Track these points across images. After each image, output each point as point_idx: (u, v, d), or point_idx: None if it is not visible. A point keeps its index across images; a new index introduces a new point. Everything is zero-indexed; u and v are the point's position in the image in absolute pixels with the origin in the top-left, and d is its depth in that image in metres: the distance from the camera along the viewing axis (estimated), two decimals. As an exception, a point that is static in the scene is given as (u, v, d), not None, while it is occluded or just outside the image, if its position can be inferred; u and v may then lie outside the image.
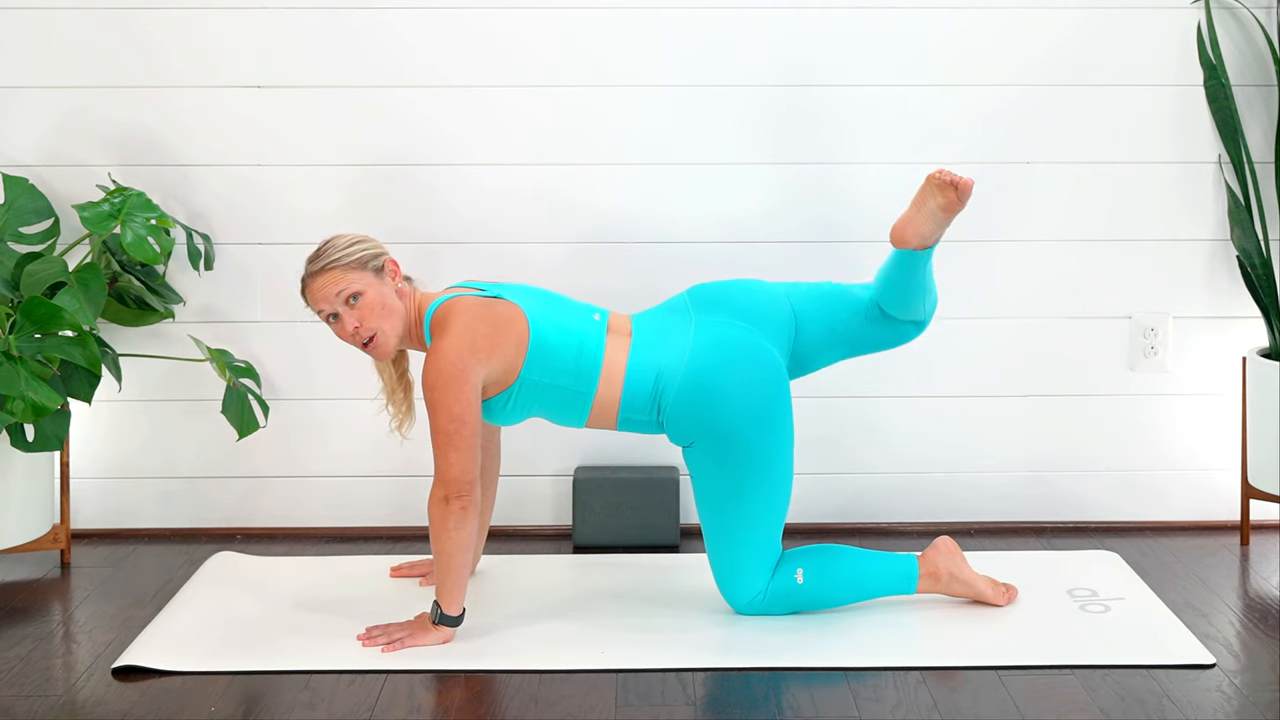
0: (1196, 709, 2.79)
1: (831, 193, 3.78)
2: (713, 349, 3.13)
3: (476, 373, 3.04)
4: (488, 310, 3.10)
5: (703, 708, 2.81)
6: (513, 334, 3.08)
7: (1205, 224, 3.82)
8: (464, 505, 3.01)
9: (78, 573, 3.58)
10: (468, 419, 3.02)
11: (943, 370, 3.84)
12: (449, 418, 3.01)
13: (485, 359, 3.05)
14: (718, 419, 3.10)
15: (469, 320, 3.07)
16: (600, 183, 3.77)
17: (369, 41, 3.73)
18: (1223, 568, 3.58)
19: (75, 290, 3.36)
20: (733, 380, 3.11)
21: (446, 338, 3.05)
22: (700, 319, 3.19)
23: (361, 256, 3.11)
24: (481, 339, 3.05)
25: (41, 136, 3.73)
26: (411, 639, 3.06)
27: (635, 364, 3.14)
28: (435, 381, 3.02)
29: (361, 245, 3.14)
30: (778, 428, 3.14)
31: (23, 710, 2.82)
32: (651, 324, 3.22)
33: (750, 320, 3.19)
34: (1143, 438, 3.87)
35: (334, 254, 3.11)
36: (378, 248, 3.16)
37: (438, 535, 3.04)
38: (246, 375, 3.63)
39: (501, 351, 3.07)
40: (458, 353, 3.03)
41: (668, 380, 3.12)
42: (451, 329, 3.06)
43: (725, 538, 3.16)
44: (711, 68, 3.74)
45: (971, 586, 3.24)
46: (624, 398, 3.13)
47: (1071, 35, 3.76)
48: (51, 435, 3.37)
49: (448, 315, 3.09)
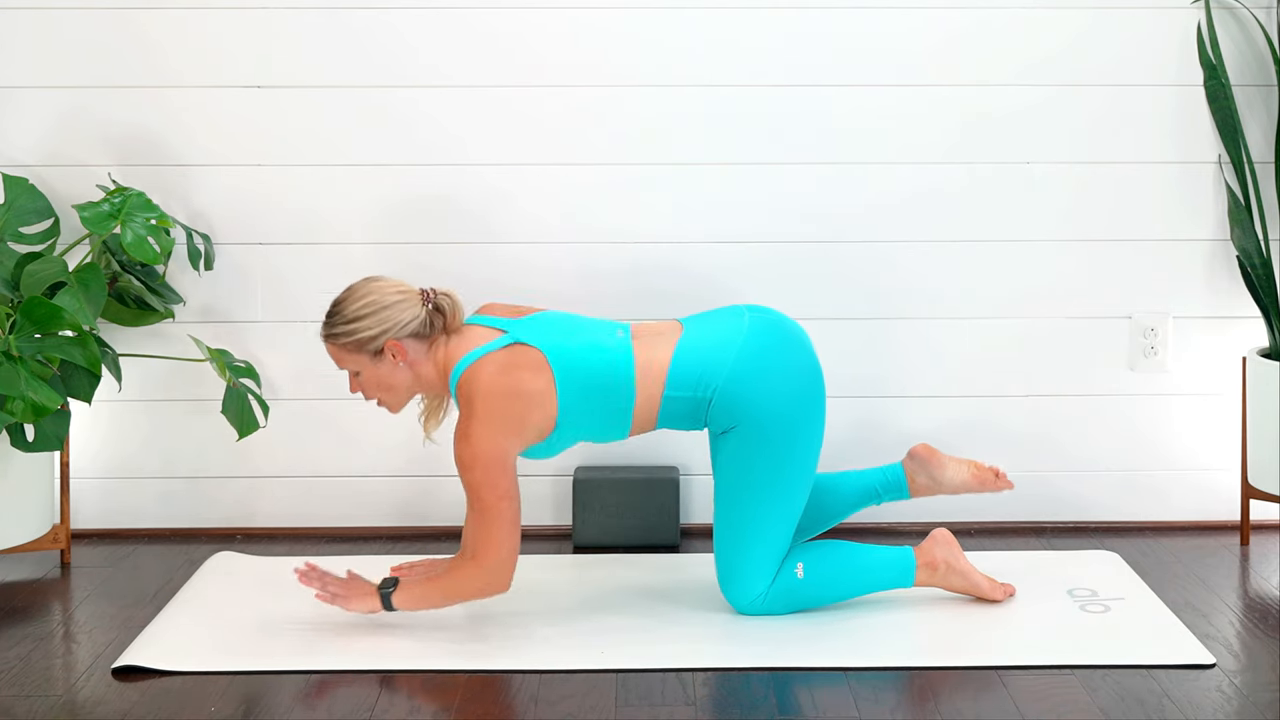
0: (1196, 709, 2.79)
1: (832, 193, 3.78)
2: (769, 329, 3.17)
3: (512, 450, 3.04)
4: (512, 384, 3.04)
5: (703, 708, 2.81)
6: (538, 398, 3.05)
7: (1205, 224, 3.82)
8: (497, 591, 3.06)
9: (78, 573, 3.58)
10: (514, 494, 3.04)
11: (943, 370, 3.84)
12: (497, 495, 3.02)
13: (518, 435, 3.05)
14: (766, 400, 3.10)
15: (495, 402, 3.02)
16: (599, 183, 3.77)
17: (370, 41, 3.73)
18: (1223, 568, 3.58)
19: (75, 290, 3.36)
20: (785, 364, 3.15)
21: (474, 422, 3.01)
22: (755, 308, 3.24)
23: (359, 339, 3.07)
24: (511, 419, 3.03)
25: (41, 136, 3.73)
26: (344, 600, 3.09)
27: (685, 344, 3.13)
28: (471, 464, 3.01)
29: (364, 325, 3.06)
30: (814, 422, 3.18)
31: (23, 710, 2.82)
32: (704, 317, 3.24)
33: (799, 331, 3.26)
34: (1143, 438, 3.87)
35: (335, 327, 3.08)
36: (382, 323, 3.06)
37: (454, 589, 3.07)
38: (246, 375, 3.63)
39: (532, 421, 3.06)
40: (489, 437, 3.01)
41: (722, 356, 3.11)
42: (477, 412, 3.02)
43: (739, 531, 3.16)
44: (713, 68, 3.74)
45: (968, 579, 3.25)
46: (670, 378, 3.11)
47: (1071, 35, 3.76)
48: (51, 435, 3.37)
49: (472, 391, 3.04)
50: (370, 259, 3.75)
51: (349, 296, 3.11)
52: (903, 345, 3.83)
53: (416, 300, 3.10)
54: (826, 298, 3.80)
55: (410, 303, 3.09)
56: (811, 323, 3.68)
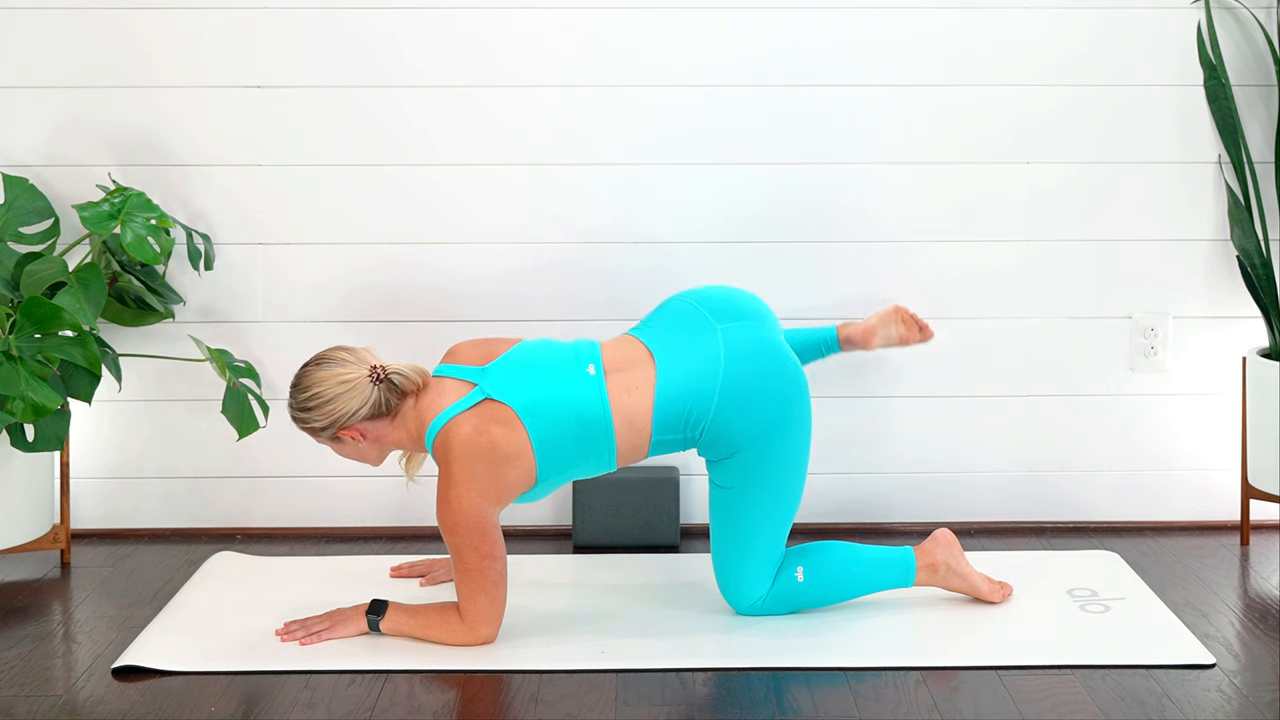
0: (1196, 709, 2.79)
1: (830, 192, 3.78)
2: (748, 356, 3.11)
3: (493, 511, 3.04)
4: (486, 445, 3.01)
5: (703, 708, 2.81)
6: (514, 458, 3.03)
7: (1205, 224, 3.82)
8: (481, 644, 3.06)
9: (78, 573, 3.58)
10: (498, 554, 3.04)
11: (943, 370, 3.84)
12: (479, 556, 3.02)
13: (496, 497, 3.03)
14: (760, 426, 3.08)
15: (469, 464, 3.00)
16: (595, 183, 3.77)
17: (370, 42, 3.73)
18: (1223, 568, 3.58)
19: (75, 290, 3.36)
20: (769, 384, 3.11)
21: (453, 486, 3.00)
22: (724, 327, 3.15)
23: (313, 429, 3.07)
24: (490, 482, 3.02)
25: (41, 136, 3.73)
26: (330, 631, 3.08)
27: (665, 386, 3.08)
28: (453, 528, 3.01)
29: (313, 416, 3.05)
30: (805, 431, 3.15)
31: (23, 710, 2.82)
32: (671, 340, 3.16)
33: (765, 323, 3.20)
34: (1143, 438, 3.87)
35: (291, 411, 3.09)
36: (329, 416, 3.04)
37: (441, 634, 3.06)
38: (246, 375, 3.62)
39: (509, 481, 3.04)
40: (471, 502, 3.00)
41: (706, 393, 3.08)
42: (455, 475, 3.01)
43: (735, 542, 3.16)
44: (713, 68, 3.74)
45: (968, 581, 3.25)
46: (655, 425, 3.09)
47: (1071, 35, 3.75)
48: (51, 435, 3.37)
49: (449, 454, 3.02)
50: (370, 258, 3.75)
51: (298, 383, 3.09)
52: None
53: (364, 385, 3.04)
54: (826, 298, 3.79)
55: (356, 391, 3.04)
56: (811, 323, 3.69)
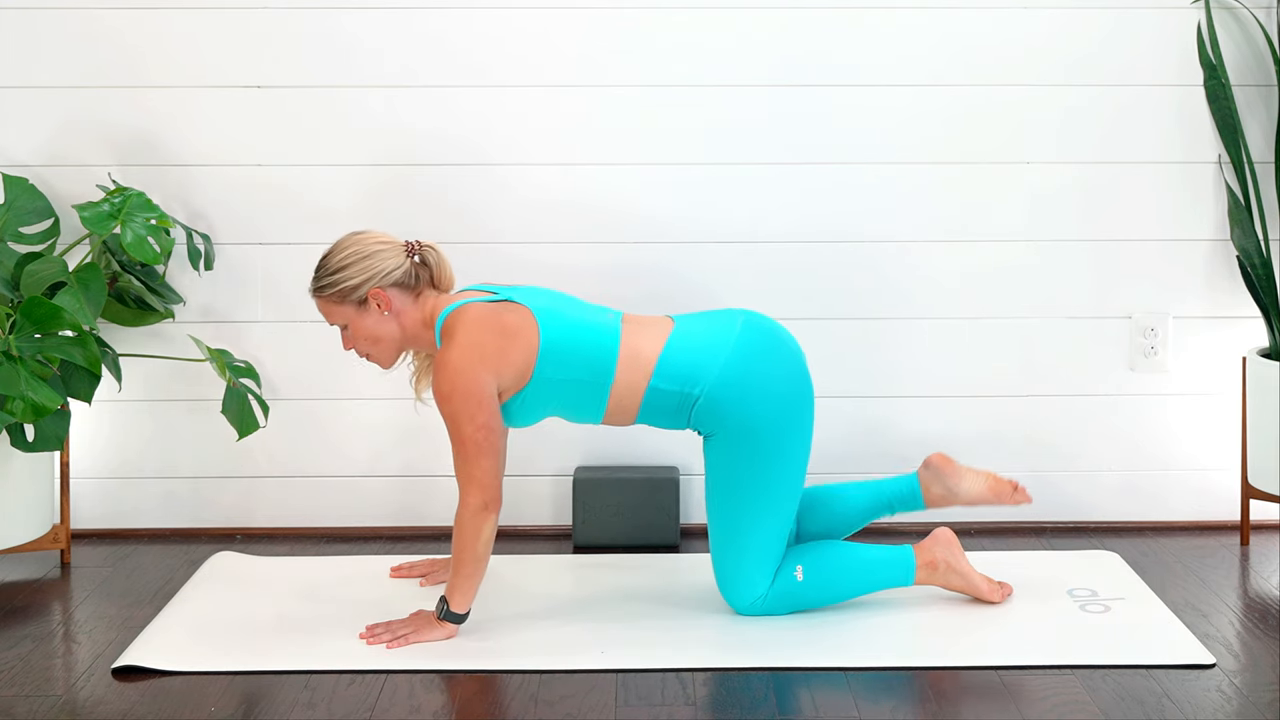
0: (1196, 709, 2.79)
1: (830, 192, 3.78)
2: (761, 334, 3.17)
3: (489, 383, 3.05)
4: (494, 319, 3.08)
5: (703, 708, 2.81)
6: (520, 341, 3.08)
7: (1205, 224, 3.82)
8: (497, 511, 3.06)
9: (78, 573, 3.58)
10: (494, 425, 3.05)
11: (943, 370, 3.84)
12: (475, 427, 3.03)
13: (495, 369, 3.05)
14: (754, 404, 3.10)
15: (475, 332, 3.06)
16: (602, 183, 3.77)
17: (371, 42, 3.73)
18: (1223, 568, 3.58)
19: (75, 290, 3.36)
20: (775, 369, 3.14)
21: (453, 350, 3.04)
22: (749, 313, 3.23)
23: (343, 289, 3.09)
24: (490, 350, 3.05)
25: (41, 136, 3.73)
26: (416, 635, 3.07)
27: (676, 339, 3.13)
28: (449, 395, 3.02)
29: (347, 274, 3.09)
30: (802, 428, 3.17)
31: (23, 710, 2.82)
32: (694, 316, 3.24)
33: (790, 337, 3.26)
34: (1143, 438, 3.87)
35: (321, 280, 3.12)
36: (365, 272, 3.09)
37: (469, 543, 3.05)
38: (246, 375, 3.63)
39: (510, 359, 3.07)
40: (468, 365, 3.03)
41: (713, 354, 3.11)
42: (458, 340, 3.05)
43: (732, 536, 3.16)
44: (713, 69, 3.74)
45: (968, 579, 3.25)
46: (658, 368, 3.11)
47: (1071, 35, 3.75)
48: (51, 435, 3.37)
49: (455, 326, 3.08)
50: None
51: (334, 249, 3.14)
52: (902, 345, 3.83)
53: (400, 251, 3.14)
54: (825, 298, 3.79)
55: (393, 252, 3.13)
56: (810, 323, 3.70)
